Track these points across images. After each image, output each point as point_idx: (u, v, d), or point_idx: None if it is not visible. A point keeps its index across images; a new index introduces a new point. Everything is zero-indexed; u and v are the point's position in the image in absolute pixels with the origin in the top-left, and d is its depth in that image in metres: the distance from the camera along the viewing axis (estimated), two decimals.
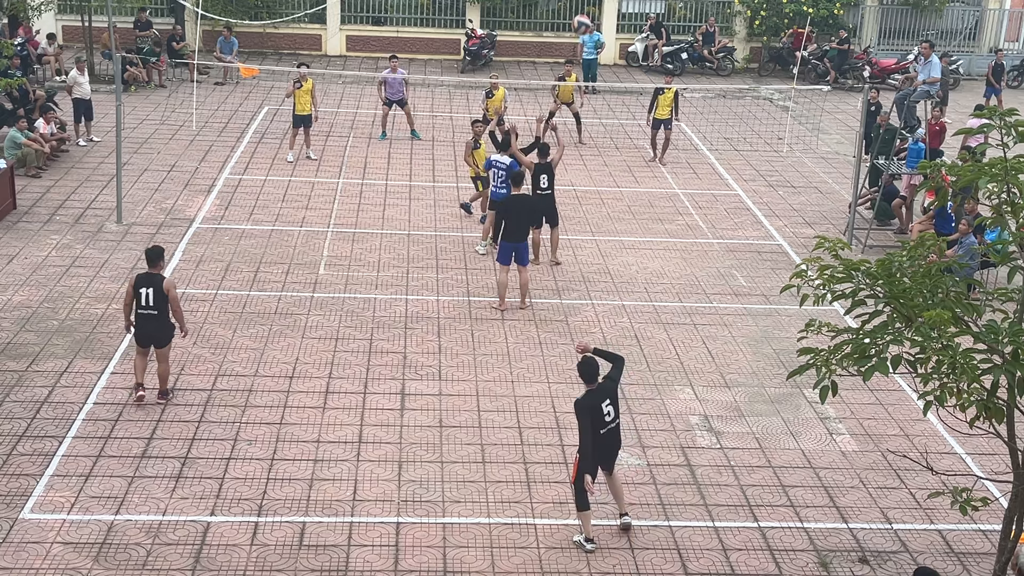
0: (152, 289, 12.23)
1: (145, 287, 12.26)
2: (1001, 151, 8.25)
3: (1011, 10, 35.95)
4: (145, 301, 12.25)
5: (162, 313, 12.32)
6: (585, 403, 10.36)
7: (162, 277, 12.38)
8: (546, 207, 17.24)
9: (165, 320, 12.41)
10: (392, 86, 24.16)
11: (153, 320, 12.32)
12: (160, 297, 12.26)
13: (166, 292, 12.26)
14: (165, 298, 12.28)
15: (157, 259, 12.45)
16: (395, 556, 10.19)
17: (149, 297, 12.21)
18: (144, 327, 12.41)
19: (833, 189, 22.45)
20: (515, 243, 15.52)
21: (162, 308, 12.30)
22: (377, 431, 12.35)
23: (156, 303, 12.26)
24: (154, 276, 12.36)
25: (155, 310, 12.28)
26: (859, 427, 12.98)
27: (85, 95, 23.09)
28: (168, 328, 12.50)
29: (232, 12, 31.10)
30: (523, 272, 15.65)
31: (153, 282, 12.28)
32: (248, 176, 21.39)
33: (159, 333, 12.44)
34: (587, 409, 10.31)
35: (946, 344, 7.62)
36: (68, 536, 10.24)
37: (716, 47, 33.36)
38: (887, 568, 10.40)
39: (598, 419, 10.37)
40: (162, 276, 12.41)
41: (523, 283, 15.66)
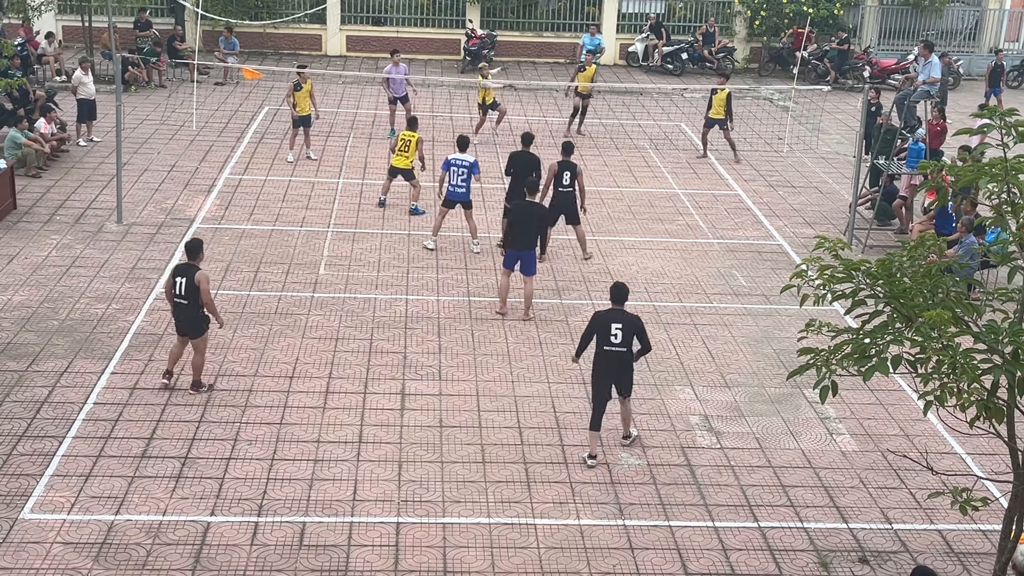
0: (185, 279, 12.50)
1: (180, 276, 12.56)
2: (1001, 151, 8.25)
3: (1011, 10, 35.95)
4: (178, 290, 12.53)
5: (193, 303, 12.56)
6: (599, 314, 12.04)
7: (196, 268, 12.61)
8: (567, 205, 17.36)
9: (196, 311, 12.63)
10: (395, 82, 24.15)
11: (184, 309, 12.60)
12: (191, 287, 12.49)
13: (197, 283, 12.47)
14: (196, 289, 12.49)
15: (196, 251, 12.75)
16: (395, 556, 10.20)
17: (182, 286, 12.50)
18: (177, 315, 12.74)
19: (833, 189, 22.45)
20: (521, 251, 15.29)
21: (193, 299, 12.54)
22: (377, 431, 12.35)
23: (187, 293, 12.51)
24: (190, 267, 12.63)
25: (186, 300, 12.55)
26: (859, 427, 12.98)
27: (90, 95, 23.08)
28: (199, 319, 12.70)
29: (232, 12, 31.10)
30: (528, 282, 15.38)
31: (187, 272, 12.56)
32: (248, 176, 21.39)
33: (190, 323, 12.67)
34: (597, 318, 11.99)
35: (946, 344, 7.62)
36: (68, 536, 10.25)
37: (716, 47, 33.36)
38: (887, 568, 10.40)
39: (604, 335, 11.82)
40: (196, 268, 12.63)
41: (527, 294, 15.37)
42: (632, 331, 11.86)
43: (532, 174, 16.88)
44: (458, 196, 17.51)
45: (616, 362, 11.84)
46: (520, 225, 15.30)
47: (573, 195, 17.35)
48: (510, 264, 15.47)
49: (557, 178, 17.26)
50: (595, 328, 11.91)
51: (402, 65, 24.47)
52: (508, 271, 15.52)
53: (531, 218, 15.34)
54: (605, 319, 11.89)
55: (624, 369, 11.92)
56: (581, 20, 33.91)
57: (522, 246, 15.30)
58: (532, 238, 15.34)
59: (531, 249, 15.34)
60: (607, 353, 11.82)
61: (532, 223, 15.32)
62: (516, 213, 15.46)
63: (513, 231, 15.36)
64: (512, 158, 17.79)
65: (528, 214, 15.37)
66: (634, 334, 11.87)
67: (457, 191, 17.45)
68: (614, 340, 11.77)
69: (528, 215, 15.36)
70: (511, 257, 15.43)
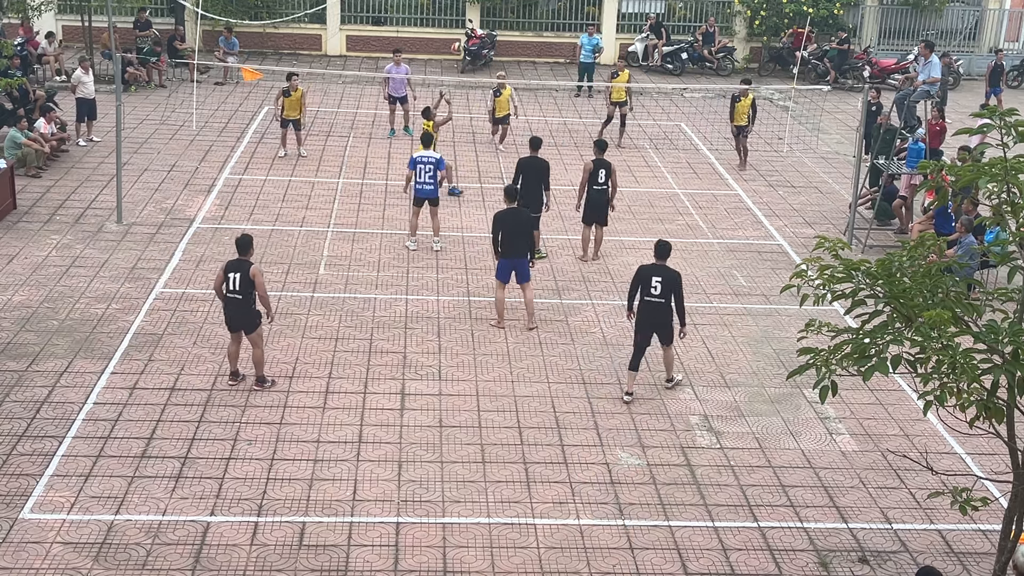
0: (239, 274, 12.63)
1: (233, 272, 12.66)
2: (1001, 151, 8.25)
3: (1011, 10, 35.96)
4: (232, 285, 12.65)
5: (246, 298, 12.69)
6: (643, 267, 13.34)
7: (249, 263, 12.71)
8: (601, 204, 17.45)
9: (249, 305, 12.78)
10: (395, 82, 24.12)
11: (237, 304, 12.72)
12: (245, 282, 12.62)
13: (252, 277, 12.60)
14: (250, 283, 12.61)
15: (247, 246, 12.86)
16: (395, 556, 10.20)
17: (236, 282, 12.62)
18: (229, 310, 12.84)
19: (833, 189, 22.45)
20: (513, 259, 14.96)
21: (246, 293, 12.67)
22: (377, 431, 12.35)
23: (241, 288, 12.64)
24: (243, 262, 12.74)
25: (239, 295, 12.67)
26: (859, 427, 12.98)
27: (89, 95, 23.08)
28: (253, 314, 12.86)
29: (232, 12, 31.10)
30: (526, 290, 15.13)
31: (241, 268, 12.68)
32: (248, 176, 21.39)
33: (244, 318, 12.81)
34: (640, 271, 13.28)
35: (946, 344, 7.62)
36: (68, 536, 10.25)
37: (716, 47, 33.36)
38: (887, 568, 10.40)
39: (645, 286, 13.11)
40: (250, 263, 12.73)
41: (528, 301, 15.12)
42: (671, 285, 13.05)
43: (542, 181, 16.82)
44: (426, 193, 17.46)
45: (656, 312, 13.11)
46: (510, 233, 14.92)
47: (607, 194, 17.47)
48: (504, 276, 15.04)
49: (592, 176, 17.36)
50: (639, 280, 13.24)
51: (403, 65, 24.44)
52: (503, 283, 15.07)
53: (520, 224, 15.03)
54: (647, 272, 13.19)
55: (663, 319, 13.17)
56: (581, 20, 33.90)
57: (514, 254, 14.94)
58: (524, 246, 15.00)
59: (524, 257, 15.02)
60: (647, 303, 13.12)
61: (521, 229, 15.01)
62: (504, 221, 14.98)
63: (504, 240, 14.95)
64: (521, 164, 17.32)
65: (516, 221, 15.03)
66: (672, 288, 13.02)
67: (425, 188, 17.42)
68: (654, 292, 13.07)
69: (516, 222, 15.02)
70: (504, 267, 15.01)
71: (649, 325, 13.21)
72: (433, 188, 17.45)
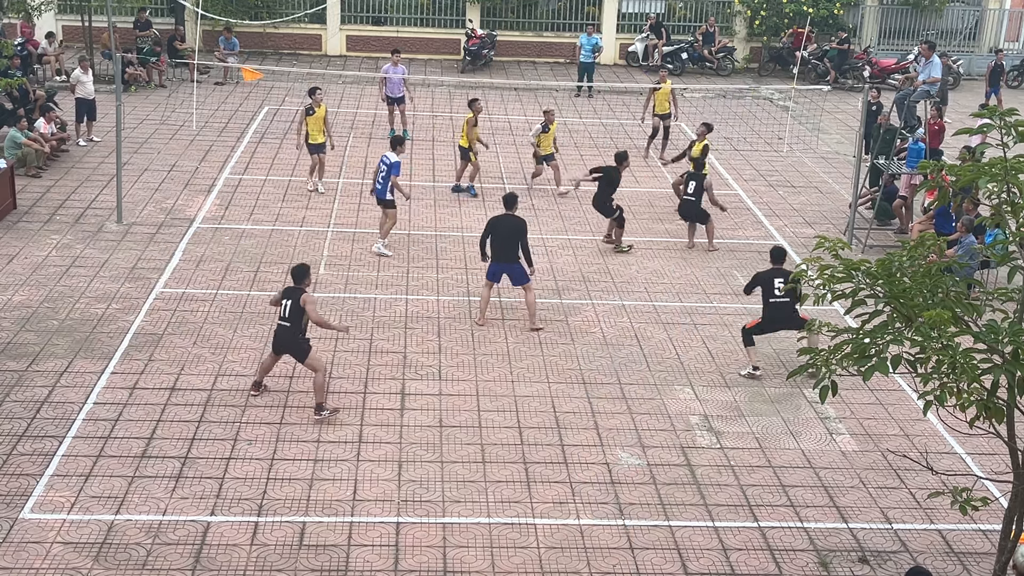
0: (291, 302, 12.38)
1: (287, 299, 12.45)
2: (1001, 151, 8.25)
3: (1011, 10, 35.96)
4: (284, 312, 12.40)
5: (295, 326, 12.35)
6: (761, 272, 14.38)
7: (302, 291, 12.43)
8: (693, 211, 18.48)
9: (296, 334, 12.41)
10: (392, 83, 24.09)
11: (285, 330, 12.43)
12: (296, 310, 12.33)
13: (302, 305, 12.29)
14: (301, 312, 12.30)
15: (302, 276, 12.57)
16: (395, 556, 10.20)
17: (287, 309, 12.38)
18: (277, 334, 12.58)
19: (833, 189, 22.45)
20: (503, 263, 15.06)
21: (295, 321, 12.34)
22: (377, 431, 12.35)
23: (291, 315, 12.36)
24: (296, 290, 12.47)
25: (288, 322, 12.39)
26: (859, 427, 12.98)
27: (88, 95, 23.08)
28: (301, 343, 12.46)
29: (232, 12, 31.10)
30: (528, 291, 15.15)
31: (293, 295, 12.42)
32: (248, 176, 21.39)
33: (291, 346, 12.45)
34: (761, 275, 14.27)
35: (946, 344, 7.61)
36: (68, 536, 10.25)
37: (716, 47, 33.37)
38: (887, 568, 10.40)
39: (768, 289, 14.00)
40: (303, 291, 12.46)
41: (529, 303, 15.13)
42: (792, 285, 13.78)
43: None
44: (376, 193, 17.49)
45: (781, 310, 13.99)
46: (499, 238, 15.00)
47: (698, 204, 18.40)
48: (494, 277, 15.17)
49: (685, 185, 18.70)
50: (758, 280, 14.26)
51: (401, 66, 24.40)
52: (490, 283, 15.20)
53: (509, 230, 15.04)
54: (767, 276, 14.16)
55: (791, 320, 14.03)
56: (581, 20, 33.90)
57: (503, 259, 15.03)
58: (512, 252, 15.02)
59: (514, 262, 15.04)
60: (775, 304, 14.01)
61: (511, 236, 15.02)
62: (494, 226, 15.14)
63: (493, 245, 15.07)
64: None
65: (506, 227, 15.08)
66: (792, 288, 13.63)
67: (377, 187, 17.46)
68: (777, 292, 13.97)
69: (506, 228, 15.07)
70: (494, 271, 15.15)
71: (778, 322, 14.12)
72: (381, 189, 17.36)
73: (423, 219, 19.30)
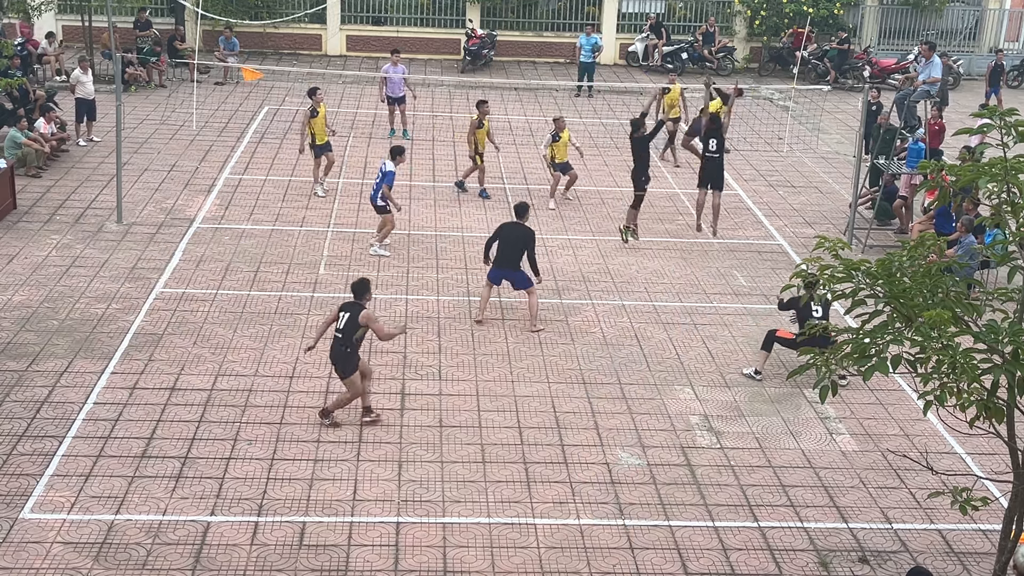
0: (349, 315, 12.20)
1: (345, 311, 12.27)
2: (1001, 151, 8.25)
3: (1011, 10, 35.96)
4: (340, 323, 12.22)
5: (346, 338, 12.12)
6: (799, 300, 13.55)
7: (361, 307, 12.28)
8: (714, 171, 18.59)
9: (345, 348, 12.17)
10: (392, 83, 24.08)
11: (338, 342, 12.21)
12: (351, 324, 12.13)
13: (362, 322, 12.12)
14: (354, 327, 12.11)
15: (362, 291, 12.41)
16: (395, 556, 10.20)
17: (344, 320, 12.19)
18: (333, 347, 12.31)
19: (833, 189, 22.45)
20: (504, 269, 15.10)
21: (347, 335, 12.12)
22: (377, 431, 12.35)
23: (345, 328, 12.14)
24: (355, 305, 12.31)
25: (341, 334, 12.18)
26: (859, 427, 12.98)
27: (88, 95, 23.08)
28: (349, 357, 12.22)
29: (232, 12, 31.10)
30: (530, 295, 15.16)
31: (352, 310, 12.25)
32: (248, 176, 21.39)
33: (340, 359, 12.23)
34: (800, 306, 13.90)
35: (946, 344, 7.61)
36: (68, 536, 10.25)
37: (716, 47, 33.36)
38: (887, 568, 10.40)
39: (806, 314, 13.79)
40: (362, 306, 12.30)
41: (531, 305, 15.13)
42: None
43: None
44: (371, 198, 17.68)
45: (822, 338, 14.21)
46: (503, 246, 15.06)
47: (721, 162, 18.49)
48: (495, 280, 15.26)
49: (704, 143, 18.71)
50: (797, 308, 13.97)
51: (401, 65, 24.39)
52: (491, 284, 15.26)
53: (516, 239, 15.08)
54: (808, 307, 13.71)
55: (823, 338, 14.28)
56: (581, 20, 33.90)
57: (505, 265, 15.08)
58: (515, 259, 15.06)
59: (516, 270, 15.08)
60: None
61: (517, 244, 15.06)
62: (500, 234, 15.21)
63: (497, 250, 15.13)
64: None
65: (513, 235, 15.12)
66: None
67: (372, 192, 17.60)
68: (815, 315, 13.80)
69: (512, 236, 15.11)
70: (495, 275, 15.23)
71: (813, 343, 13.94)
72: (373, 194, 17.52)
73: (423, 219, 19.30)
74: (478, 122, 20.37)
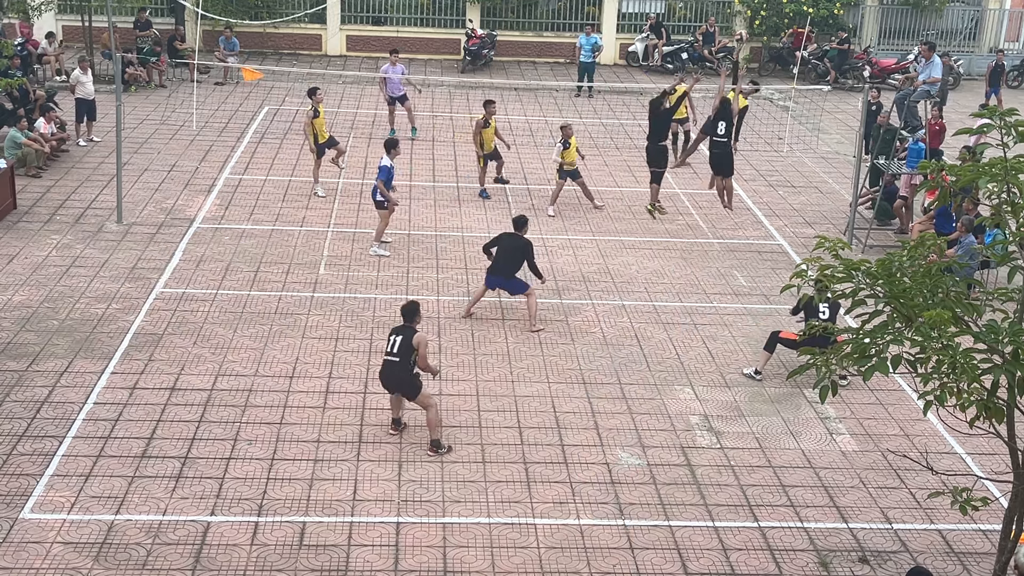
0: (401, 338, 12.10)
1: (396, 335, 12.18)
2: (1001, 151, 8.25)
3: (1011, 10, 35.95)
4: (391, 347, 12.10)
5: (403, 361, 12.02)
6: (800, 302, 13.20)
7: (414, 330, 12.20)
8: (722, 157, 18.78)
9: (406, 369, 12.06)
10: (392, 82, 24.08)
11: (393, 366, 12.07)
12: (406, 347, 12.02)
13: (415, 345, 12.03)
14: (411, 349, 12.03)
15: (413, 314, 12.34)
16: (395, 556, 10.20)
17: (396, 344, 12.08)
18: (385, 371, 12.19)
19: (833, 189, 22.45)
20: (500, 277, 15.19)
21: (404, 358, 12.03)
22: (377, 431, 12.35)
23: (400, 351, 12.03)
24: (407, 328, 12.22)
25: (397, 357, 12.04)
26: (859, 427, 12.98)
27: (88, 95, 23.07)
28: (411, 379, 12.11)
29: (232, 12, 31.10)
30: (529, 296, 15.24)
31: (404, 332, 12.16)
32: (248, 176, 21.39)
33: (400, 382, 12.10)
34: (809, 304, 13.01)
35: (946, 344, 7.61)
36: (68, 536, 10.25)
37: (716, 47, 33.36)
38: (887, 568, 10.40)
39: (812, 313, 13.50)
40: (414, 329, 12.22)
41: (529, 306, 15.20)
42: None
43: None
44: (372, 193, 17.73)
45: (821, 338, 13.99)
46: (501, 254, 15.18)
47: (729, 147, 18.59)
48: (490, 285, 15.36)
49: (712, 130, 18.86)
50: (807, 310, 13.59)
51: (400, 65, 24.38)
52: (486, 288, 15.40)
53: (513, 250, 15.17)
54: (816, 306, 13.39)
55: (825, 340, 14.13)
56: (581, 20, 33.89)
57: (500, 273, 15.16)
58: (511, 270, 15.14)
59: (510, 278, 15.16)
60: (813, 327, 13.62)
61: (514, 255, 15.16)
62: (499, 243, 15.35)
63: (495, 257, 15.26)
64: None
65: (512, 246, 15.21)
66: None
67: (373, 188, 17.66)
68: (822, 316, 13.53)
69: (511, 247, 15.20)
70: (490, 281, 15.32)
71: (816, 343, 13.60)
72: (373, 191, 17.57)
73: (423, 219, 19.30)
74: (484, 122, 20.34)
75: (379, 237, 17.55)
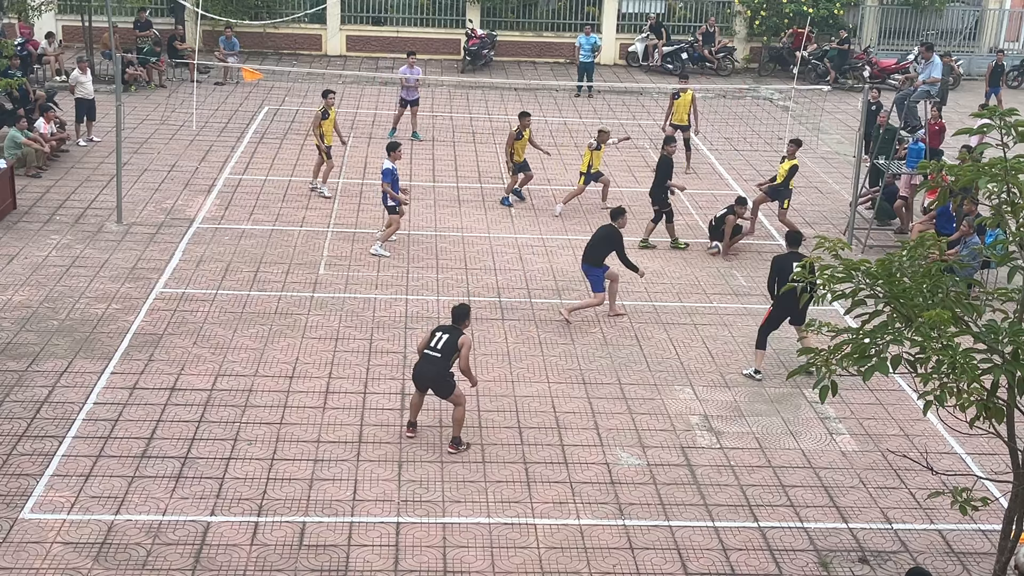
0: (447, 337, 12.01)
1: (443, 332, 12.09)
2: (1001, 151, 8.24)
3: (1011, 10, 35.95)
4: (436, 343, 12.00)
5: (444, 360, 11.94)
6: (779, 258, 14.32)
7: (461, 332, 12.13)
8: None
9: (444, 369, 11.97)
10: (409, 84, 24.02)
11: (432, 362, 11.96)
12: (450, 346, 11.94)
13: (459, 346, 11.96)
14: (453, 349, 11.96)
15: (463, 316, 12.28)
16: (395, 556, 10.20)
17: (441, 341, 11.99)
18: (423, 367, 12.06)
19: (833, 189, 22.44)
20: (588, 265, 15.42)
21: (446, 356, 11.95)
22: (377, 431, 12.35)
23: (444, 349, 11.95)
24: (454, 329, 12.14)
25: (439, 353, 11.95)
26: (859, 427, 12.98)
27: (88, 95, 23.07)
28: (447, 379, 12.03)
29: (232, 12, 31.10)
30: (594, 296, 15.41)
31: (450, 332, 12.07)
32: (248, 176, 21.39)
33: (435, 380, 12.00)
34: (777, 262, 14.17)
35: (946, 344, 7.61)
36: (68, 536, 10.25)
37: (716, 47, 33.36)
38: (887, 568, 10.40)
39: (785, 276, 13.63)
40: (461, 331, 12.15)
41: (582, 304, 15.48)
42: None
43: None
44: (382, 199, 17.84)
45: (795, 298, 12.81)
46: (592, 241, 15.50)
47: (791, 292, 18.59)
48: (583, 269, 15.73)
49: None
50: (776, 270, 14.10)
51: (416, 68, 24.37)
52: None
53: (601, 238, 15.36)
54: (784, 262, 14.03)
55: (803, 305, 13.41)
56: (581, 20, 33.89)
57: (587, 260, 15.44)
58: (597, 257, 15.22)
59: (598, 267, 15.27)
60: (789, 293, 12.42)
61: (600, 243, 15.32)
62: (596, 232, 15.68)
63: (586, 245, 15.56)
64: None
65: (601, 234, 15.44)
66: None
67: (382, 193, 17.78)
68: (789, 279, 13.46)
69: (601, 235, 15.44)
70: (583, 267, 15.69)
71: (786, 311, 13.93)
72: (383, 197, 17.72)
73: (423, 219, 19.30)
74: (517, 133, 20.07)
75: (385, 239, 17.56)
